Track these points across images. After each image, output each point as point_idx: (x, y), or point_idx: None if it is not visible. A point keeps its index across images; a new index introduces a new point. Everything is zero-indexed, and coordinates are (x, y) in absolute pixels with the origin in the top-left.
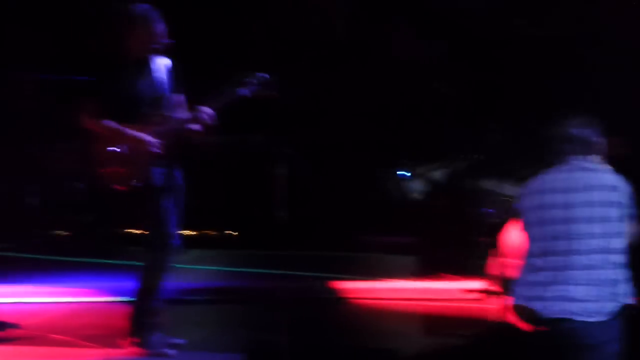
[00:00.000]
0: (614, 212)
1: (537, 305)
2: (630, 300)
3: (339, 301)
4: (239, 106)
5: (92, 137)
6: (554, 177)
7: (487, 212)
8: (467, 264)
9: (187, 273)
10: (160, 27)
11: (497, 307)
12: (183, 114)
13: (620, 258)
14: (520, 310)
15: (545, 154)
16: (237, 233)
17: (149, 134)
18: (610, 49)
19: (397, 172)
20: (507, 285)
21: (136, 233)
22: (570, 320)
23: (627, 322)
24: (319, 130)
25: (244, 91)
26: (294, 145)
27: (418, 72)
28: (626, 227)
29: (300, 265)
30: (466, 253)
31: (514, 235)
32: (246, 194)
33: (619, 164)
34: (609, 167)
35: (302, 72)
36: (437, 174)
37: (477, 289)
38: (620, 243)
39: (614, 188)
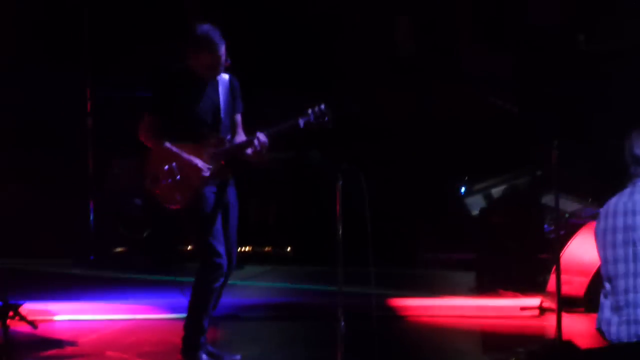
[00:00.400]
0: None
1: (605, 329)
2: None
3: (398, 318)
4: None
5: (148, 154)
6: (617, 201)
7: (547, 228)
8: (527, 280)
9: (242, 289)
10: (222, 49)
11: (554, 324)
12: (239, 137)
13: None
14: (600, 333)
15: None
16: (289, 249)
17: (204, 155)
18: None
19: (457, 188)
20: (564, 301)
21: (192, 249)
22: (637, 344)
23: None
24: (378, 146)
25: (300, 122)
26: (353, 161)
27: (479, 86)
28: None
29: (357, 281)
30: (525, 270)
31: (574, 253)
32: (302, 209)
33: None
34: None
35: (362, 88)
36: (497, 190)
37: (536, 305)
38: None
39: None
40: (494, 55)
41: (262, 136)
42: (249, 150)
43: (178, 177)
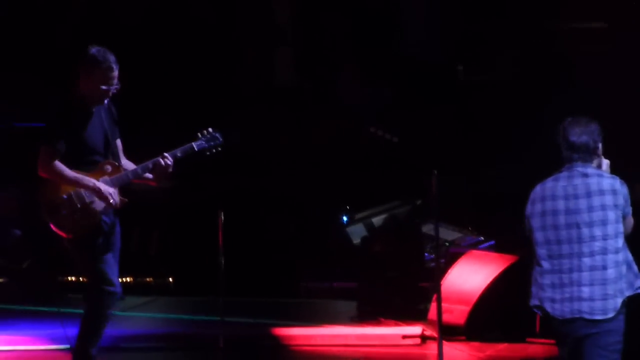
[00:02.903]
0: (612, 215)
1: (548, 306)
2: (631, 292)
3: (281, 347)
4: (188, 159)
5: (42, 184)
6: (555, 185)
7: (427, 257)
8: (408, 309)
9: (124, 320)
10: (116, 71)
11: (435, 352)
12: (126, 162)
13: (620, 257)
14: (537, 309)
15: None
16: (171, 279)
17: (103, 182)
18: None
19: (339, 218)
20: (445, 329)
21: (75, 280)
22: (580, 319)
23: (630, 311)
24: (260, 177)
25: (194, 145)
26: (236, 191)
27: (360, 117)
28: (623, 226)
29: (240, 311)
30: (407, 298)
31: (454, 281)
32: (184, 240)
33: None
34: (604, 172)
35: (247, 119)
36: (378, 219)
37: (417, 334)
38: (619, 242)
39: (612, 192)
40: (375, 86)
41: (169, 156)
42: (150, 174)
43: (79, 205)
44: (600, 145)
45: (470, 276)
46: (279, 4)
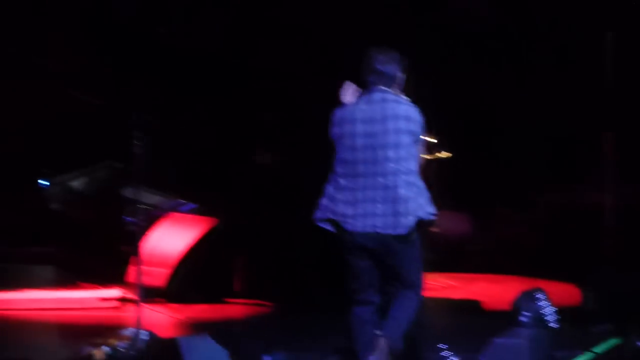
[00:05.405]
0: (405, 139)
1: (341, 220)
2: (423, 214)
3: None
4: None
5: None
6: (356, 108)
7: (127, 220)
8: (107, 272)
9: None
10: None
11: (134, 314)
12: None
13: (411, 178)
14: (323, 223)
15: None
16: None
17: None
18: None
19: (37, 181)
20: (144, 292)
21: None
22: (373, 233)
23: (420, 231)
24: None
25: None
26: None
27: (59, 79)
28: (417, 151)
29: None
30: (105, 262)
31: (154, 244)
32: None
33: None
34: (406, 99)
35: None
36: (78, 183)
37: (115, 297)
38: (411, 165)
39: (406, 118)
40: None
41: None
42: None
43: None
44: (401, 76)
45: (170, 239)
46: None
